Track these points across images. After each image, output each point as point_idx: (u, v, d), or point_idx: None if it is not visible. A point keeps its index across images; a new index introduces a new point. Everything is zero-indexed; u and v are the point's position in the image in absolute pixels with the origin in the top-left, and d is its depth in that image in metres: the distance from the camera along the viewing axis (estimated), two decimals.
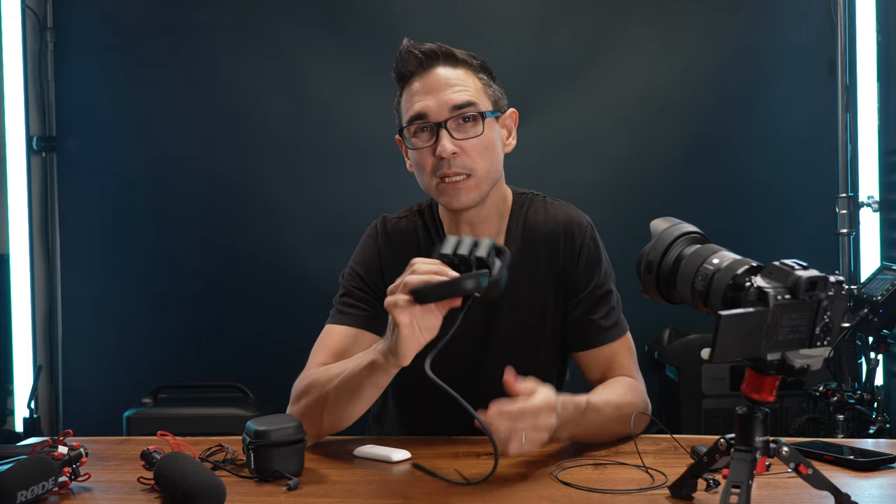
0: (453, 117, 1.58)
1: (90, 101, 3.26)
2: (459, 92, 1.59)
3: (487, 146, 1.60)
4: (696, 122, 3.20)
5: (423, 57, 1.60)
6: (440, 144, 1.57)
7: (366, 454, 1.51)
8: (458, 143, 1.57)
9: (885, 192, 2.92)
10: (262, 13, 3.24)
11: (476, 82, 1.62)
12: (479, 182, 1.61)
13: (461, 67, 1.62)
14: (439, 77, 1.60)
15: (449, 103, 1.58)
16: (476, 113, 1.59)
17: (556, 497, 1.29)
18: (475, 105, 1.59)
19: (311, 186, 3.24)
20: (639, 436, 1.56)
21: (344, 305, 1.68)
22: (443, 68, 1.61)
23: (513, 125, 1.70)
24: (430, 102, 1.58)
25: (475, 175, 1.60)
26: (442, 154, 1.57)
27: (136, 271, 3.26)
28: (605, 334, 1.68)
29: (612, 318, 1.69)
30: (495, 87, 1.66)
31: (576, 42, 3.22)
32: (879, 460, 1.42)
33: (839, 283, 1.08)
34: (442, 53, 1.61)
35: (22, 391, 3.13)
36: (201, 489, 1.22)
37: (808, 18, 3.10)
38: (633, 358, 1.70)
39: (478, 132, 1.59)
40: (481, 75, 1.64)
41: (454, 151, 1.57)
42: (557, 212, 1.73)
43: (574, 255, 1.69)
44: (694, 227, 1.23)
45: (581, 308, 1.69)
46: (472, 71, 1.63)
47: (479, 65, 1.64)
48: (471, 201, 1.61)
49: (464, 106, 1.58)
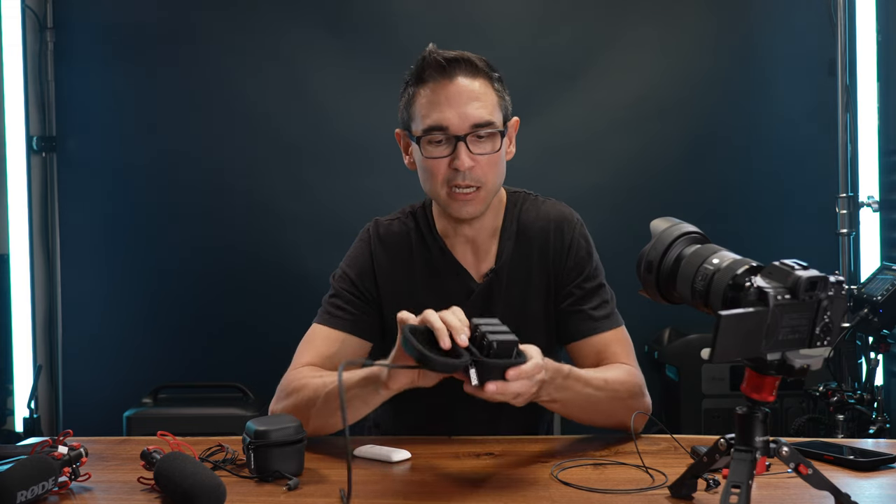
0: (472, 132, 1.59)
1: (90, 101, 3.27)
2: (480, 109, 1.60)
3: (499, 161, 1.64)
4: (696, 122, 3.20)
5: (446, 63, 1.60)
6: (459, 159, 1.59)
7: (366, 454, 1.51)
8: (474, 157, 1.60)
9: (885, 192, 2.92)
10: (262, 13, 3.24)
11: (493, 96, 1.63)
12: (488, 194, 1.64)
13: (480, 78, 1.62)
14: (461, 88, 1.60)
15: (470, 119, 1.59)
16: (497, 131, 1.61)
17: (556, 497, 1.29)
18: (494, 124, 1.61)
19: (311, 186, 3.24)
20: (639, 435, 1.56)
21: (332, 307, 1.70)
22: (463, 78, 1.61)
23: (514, 133, 1.71)
24: (452, 115, 1.59)
25: (485, 188, 1.63)
26: (460, 168, 1.59)
27: (136, 271, 3.26)
28: (596, 324, 1.68)
29: (605, 310, 1.70)
30: (507, 99, 1.67)
31: (575, 42, 3.22)
32: (879, 460, 1.42)
33: (839, 283, 1.08)
34: (464, 61, 1.61)
35: (22, 391, 3.13)
36: (201, 489, 1.22)
37: (808, 18, 3.09)
38: (628, 350, 1.69)
39: (495, 148, 1.62)
40: (497, 86, 1.65)
41: (471, 165, 1.59)
42: (549, 209, 1.75)
43: (564, 249, 1.71)
44: (694, 227, 1.24)
45: (572, 299, 1.69)
46: (489, 82, 1.63)
47: (497, 76, 1.65)
48: (477, 212, 1.65)
49: (484, 125, 1.60)
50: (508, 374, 1.29)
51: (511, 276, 1.71)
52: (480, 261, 1.72)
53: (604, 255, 1.76)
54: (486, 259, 1.72)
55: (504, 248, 1.71)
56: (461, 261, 1.72)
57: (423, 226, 1.75)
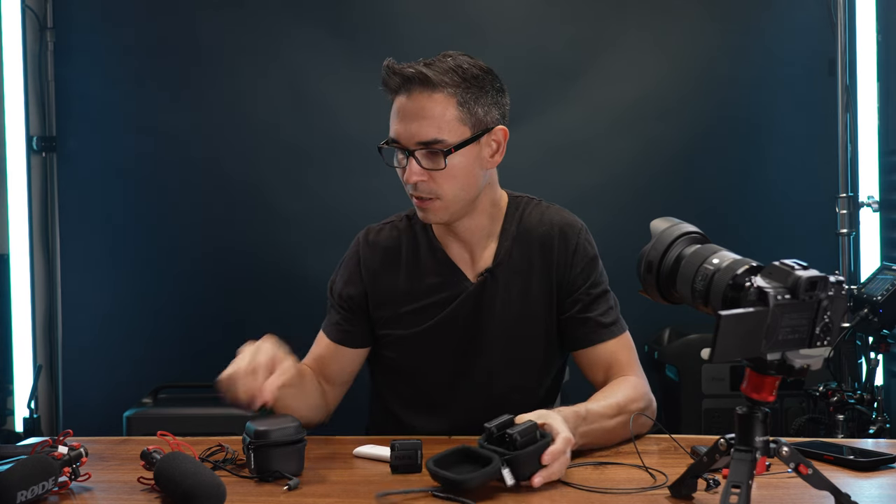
0: (420, 149, 1.60)
1: (90, 101, 3.26)
2: (426, 127, 1.58)
3: (456, 175, 1.61)
4: (696, 122, 3.19)
5: (401, 80, 1.61)
6: (407, 171, 1.61)
7: (366, 454, 1.51)
8: (425, 172, 1.60)
9: (885, 192, 2.92)
10: (263, 14, 3.24)
11: (452, 111, 1.59)
12: (448, 205, 1.64)
13: (438, 93, 1.58)
14: (414, 105, 1.60)
15: (415, 137, 1.59)
16: (440, 151, 1.59)
17: (556, 497, 1.29)
18: (442, 142, 1.59)
19: (312, 186, 3.24)
20: (641, 436, 1.56)
21: (328, 319, 1.78)
22: (420, 93, 1.59)
23: (502, 141, 1.66)
24: (401, 130, 1.61)
25: (443, 199, 1.63)
26: (407, 181, 1.61)
27: (136, 271, 3.26)
28: (604, 331, 1.69)
29: (611, 316, 1.71)
30: (482, 105, 1.61)
31: (575, 42, 3.22)
32: (879, 460, 1.42)
33: (839, 283, 1.08)
34: (418, 78, 1.59)
35: (22, 391, 3.13)
36: (202, 489, 1.22)
37: (808, 18, 3.09)
38: (634, 355, 1.72)
39: (440, 166, 1.59)
40: (463, 97, 1.60)
41: (421, 179, 1.61)
42: (553, 214, 1.75)
43: (569, 255, 1.71)
44: (694, 227, 1.24)
45: (579, 306, 1.70)
46: (450, 96, 1.59)
47: (464, 85, 1.59)
48: (439, 220, 1.66)
49: (429, 143, 1.59)
50: (544, 460, 1.30)
51: (509, 276, 1.71)
52: (477, 261, 1.73)
53: (604, 256, 1.76)
54: (482, 259, 1.72)
55: (502, 249, 1.72)
56: (457, 261, 1.72)
57: (417, 227, 1.76)
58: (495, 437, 1.31)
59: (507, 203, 1.75)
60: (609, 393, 1.61)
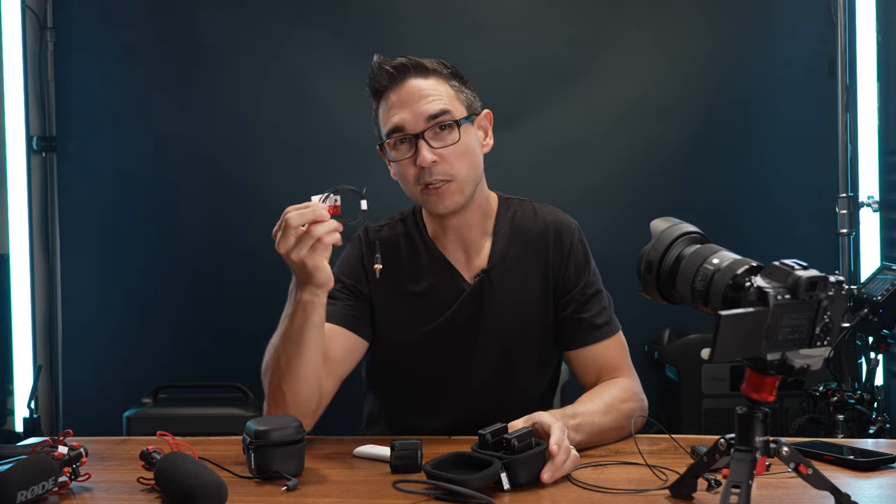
0: (430, 127, 1.61)
1: (90, 101, 3.26)
2: (433, 102, 1.62)
3: (465, 151, 1.64)
4: (696, 122, 3.20)
5: (395, 71, 1.64)
6: (420, 155, 1.61)
7: (366, 454, 1.51)
8: (436, 152, 1.61)
9: (885, 192, 2.92)
10: (263, 14, 3.24)
11: (448, 90, 1.65)
12: (462, 185, 1.64)
13: (432, 77, 1.65)
14: (412, 89, 1.63)
15: (424, 114, 1.61)
16: (452, 121, 1.62)
17: (556, 497, 1.29)
18: (450, 113, 1.62)
19: (311, 186, 3.23)
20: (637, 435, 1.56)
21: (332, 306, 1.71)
22: (415, 80, 1.64)
23: (488, 125, 1.73)
24: (406, 115, 1.62)
25: (456, 179, 1.63)
26: (422, 164, 1.61)
27: (136, 271, 3.26)
28: (597, 332, 1.70)
29: (604, 317, 1.71)
30: (467, 92, 1.69)
31: (575, 42, 3.22)
32: (879, 460, 1.42)
33: (839, 283, 1.07)
34: (412, 65, 1.64)
35: (22, 391, 3.13)
36: (203, 489, 1.22)
37: (808, 19, 3.09)
38: (626, 356, 1.73)
39: (455, 139, 1.62)
40: (453, 82, 1.67)
41: (434, 160, 1.60)
42: (546, 214, 1.76)
43: (563, 255, 1.72)
44: (694, 227, 1.24)
45: (573, 306, 1.71)
46: (443, 79, 1.66)
47: (449, 72, 1.67)
48: (456, 205, 1.65)
49: (439, 115, 1.61)
50: (551, 450, 1.31)
51: (504, 276, 1.71)
52: (472, 261, 1.73)
53: (604, 255, 1.77)
54: (478, 259, 1.73)
55: (496, 249, 1.72)
56: (453, 262, 1.73)
57: (412, 229, 1.76)
58: (490, 444, 1.32)
59: (497, 203, 1.76)
60: (596, 394, 1.63)
